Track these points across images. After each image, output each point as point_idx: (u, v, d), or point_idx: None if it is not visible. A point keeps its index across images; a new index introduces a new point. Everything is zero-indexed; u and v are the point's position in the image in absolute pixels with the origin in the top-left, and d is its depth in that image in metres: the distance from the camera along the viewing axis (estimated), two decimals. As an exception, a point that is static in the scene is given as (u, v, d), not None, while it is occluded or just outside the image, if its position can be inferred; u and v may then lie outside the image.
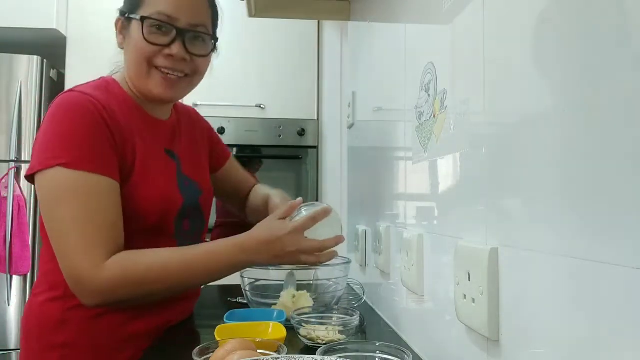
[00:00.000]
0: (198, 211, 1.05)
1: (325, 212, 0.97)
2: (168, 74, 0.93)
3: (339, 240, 0.97)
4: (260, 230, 0.94)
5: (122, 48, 0.97)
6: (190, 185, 1.02)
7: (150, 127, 0.98)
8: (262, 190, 1.25)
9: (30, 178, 0.87)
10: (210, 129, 1.22)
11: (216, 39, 1.02)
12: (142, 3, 0.93)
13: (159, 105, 1.00)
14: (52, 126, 0.85)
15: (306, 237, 0.95)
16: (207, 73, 1.02)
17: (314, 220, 0.95)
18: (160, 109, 1.02)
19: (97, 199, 0.83)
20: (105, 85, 0.94)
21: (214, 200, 1.21)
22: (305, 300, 1.06)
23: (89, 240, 0.82)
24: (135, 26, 0.92)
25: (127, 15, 0.94)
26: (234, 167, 1.28)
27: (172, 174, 0.99)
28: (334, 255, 0.97)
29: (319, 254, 0.95)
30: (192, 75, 0.97)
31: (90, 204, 0.83)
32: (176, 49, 0.92)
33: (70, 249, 0.83)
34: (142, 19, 0.90)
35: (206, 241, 1.03)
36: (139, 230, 0.91)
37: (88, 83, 0.94)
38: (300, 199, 1.01)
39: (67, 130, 0.84)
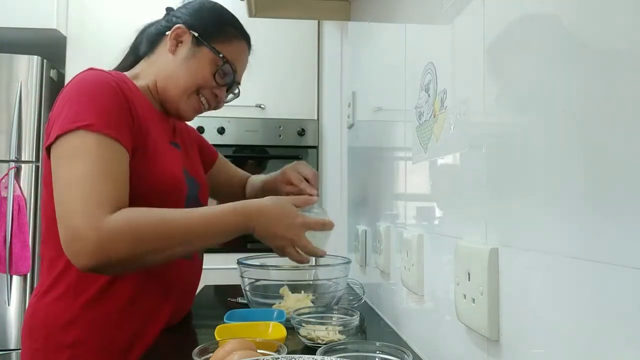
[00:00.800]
0: (197, 204, 1.06)
1: (331, 226, 1.02)
2: (204, 105, 1.06)
3: (324, 254, 1.02)
4: (271, 204, 0.95)
5: (172, 54, 1.03)
6: (191, 179, 1.06)
7: (158, 120, 1.02)
8: (258, 179, 1.32)
9: (48, 150, 0.87)
10: (199, 135, 1.30)
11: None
12: (219, 37, 1.04)
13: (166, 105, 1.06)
14: (75, 94, 0.87)
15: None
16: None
17: (322, 226, 0.99)
18: (165, 109, 1.07)
19: (104, 159, 0.84)
20: (119, 75, 0.96)
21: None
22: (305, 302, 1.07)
23: (90, 197, 0.81)
24: (206, 54, 1.02)
25: (199, 36, 1.02)
26: (224, 164, 1.35)
27: (179, 163, 1.03)
28: (308, 261, 1.01)
29: (306, 256, 0.98)
30: None
31: (96, 163, 0.83)
32: (224, 94, 1.08)
33: (71, 206, 0.81)
34: (224, 61, 1.03)
35: None
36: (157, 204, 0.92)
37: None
38: (315, 197, 1.06)
39: (90, 98, 0.86)
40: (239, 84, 1.11)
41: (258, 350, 0.72)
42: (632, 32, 0.38)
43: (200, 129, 2.44)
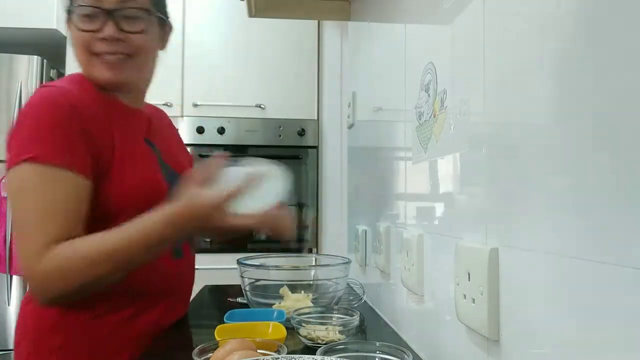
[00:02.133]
0: None
1: (254, 179, 0.89)
2: (106, 57, 0.92)
3: (274, 210, 0.91)
4: (181, 204, 0.86)
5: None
6: (173, 173, 1.01)
7: (128, 116, 0.97)
8: None
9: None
10: (176, 130, 1.23)
11: (158, 14, 0.99)
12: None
13: (126, 92, 0.98)
14: (22, 123, 0.86)
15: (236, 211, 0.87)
16: (206, 72, 1.04)
17: (239, 190, 0.87)
18: (134, 98, 1.01)
19: (53, 195, 0.82)
20: (79, 79, 0.94)
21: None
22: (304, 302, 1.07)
23: (37, 233, 0.81)
24: (71, 19, 0.92)
25: (67, 10, 0.93)
26: None
27: (154, 161, 0.98)
28: (279, 220, 0.94)
29: (260, 221, 0.90)
30: (134, 55, 0.94)
31: (44, 201, 0.82)
32: (107, 30, 0.90)
33: (22, 242, 0.82)
34: (70, 7, 0.91)
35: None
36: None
37: (64, 77, 0.95)
38: (219, 154, 0.95)
39: (35, 125, 0.84)
40: (124, 1, 0.92)
41: (258, 350, 0.72)
42: (634, 31, 0.38)
43: (200, 129, 2.44)
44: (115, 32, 0.91)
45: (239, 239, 2.49)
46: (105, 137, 0.89)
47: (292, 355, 0.62)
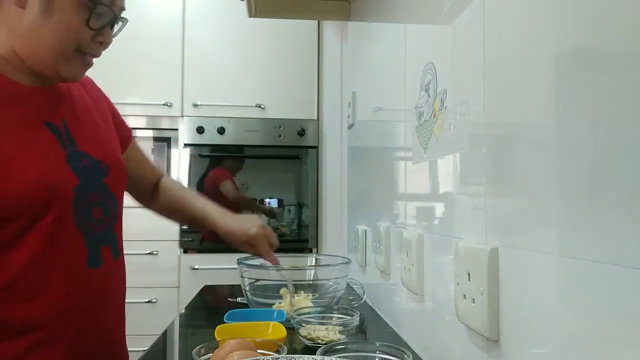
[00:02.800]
0: (107, 194, 0.86)
1: None
2: (88, 59, 0.82)
3: None
4: None
5: (21, 7, 0.75)
6: (91, 164, 0.84)
7: (17, 97, 0.78)
8: (186, 195, 1.15)
9: None
10: (112, 105, 1.03)
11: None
12: None
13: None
14: None
15: None
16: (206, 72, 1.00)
17: None
18: (37, 77, 0.82)
19: None
20: None
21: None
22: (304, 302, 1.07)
23: None
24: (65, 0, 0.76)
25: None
26: (139, 153, 1.10)
27: (54, 150, 0.79)
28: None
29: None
30: None
31: None
32: (109, 36, 0.82)
33: None
34: (95, 3, 0.77)
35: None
36: (29, 226, 0.74)
37: None
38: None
39: None
40: (123, 10, 0.84)
41: (258, 350, 0.72)
42: (633, 33, 0.38)
43: (200, 129, 2.44)
44: (110, 38, 0.83)
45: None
46: None
47: (292, 355, 0.62)
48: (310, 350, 0.86)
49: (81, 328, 0.80)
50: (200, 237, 2.41)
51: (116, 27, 0.86)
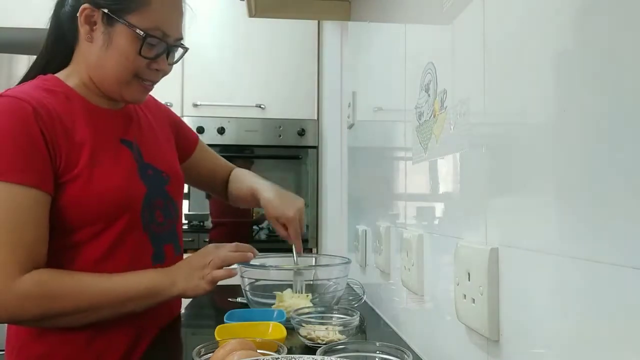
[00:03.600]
0: (168, 200, 1.01)
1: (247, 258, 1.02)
2: (147, 84, 0.94)
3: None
4: (189, 257, 0.95)
5: (90, 42, 0.89)
6: (155, 174, 0.98)
7: (99, 118, 0.92)
8: (245, 178, 1.24)
9: None
10: (172, 113, 1.19)
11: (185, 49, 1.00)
12: (132, 7, 0.87)
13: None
14: None
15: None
16: (206, 72, 1.05)
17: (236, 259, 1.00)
18: (109, 99, 0.96)
19: (15, 214, 0.79)
20: (42, 83, 0.89)
21: (208, 201, 1.19)
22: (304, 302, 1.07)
23: (7, 258, 0.78)
24: (123, 32, 0.87)
25: (109, 12, 0.87)
26: (205, 152, 1.25)
27: (130, 164, 0.93)
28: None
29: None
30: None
31: (7, 220, 0.78)
32: (164, 64, 0.93)
33: None
34: (145, 36, 0.87)
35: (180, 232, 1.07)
36: (105, 228, 0.88)
37: (24, 84, 0.90)
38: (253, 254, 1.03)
39: None
40: (181, 39, 0.95)
41: (258, 350, 0.72)
42: (633, 33, 0.38)
43: (200, 129, 2.44)
44: (168, 66, 0.94)
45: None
46: (72, 143, 0.85)
47: (292, 355, 0.62)
48: (310, 350, 0.86)
49: (144, 313, 0.92)
50: (209, 239, 2.41)
51: (177, 55, 0.97)
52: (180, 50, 0.98)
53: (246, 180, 1.23)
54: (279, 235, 1.15)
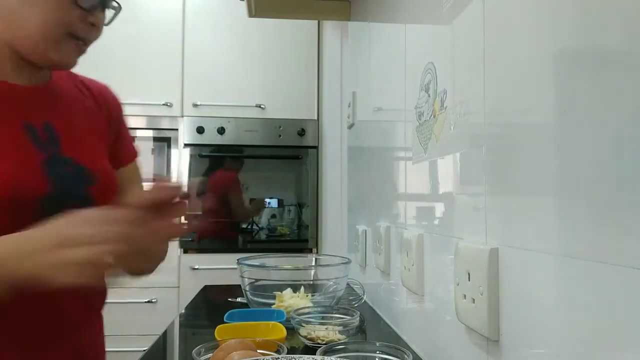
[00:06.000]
0: (87, 204, 0.69)
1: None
2: (81, 43, 0.75)
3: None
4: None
5: None
6: (75, 172, 0.77)
7: (5, 95, 0.74)
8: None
9: None
10: (123, 116, 0.94)
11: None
12: None
13: (35, 69, 0.77)
14: None
15: None
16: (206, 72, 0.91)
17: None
18: (28, 72, 0.77)
19: None
20: None
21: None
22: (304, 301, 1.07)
23: None
24: None
25: None
26: (136, 176, 0.96)
27: (26, 154, 0.72)
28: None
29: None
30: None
31: None
32: (101, 17, 0.76)
33: None
34: None
35: None
36: None
37: None
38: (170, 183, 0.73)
39: None
40: None
41: (258, 350, 0.72)
42: (634, 33, 0.38)
43: (200, 129, 2.44)
44: (102, 20, 0.77)
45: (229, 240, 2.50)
46: None
47: (292, 355, 0.62)
48: (310, 350, 0.86)
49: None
50: (197, 238, 2.41)
51: (109, 14, 0.79)
52: (112, 12, 0.80)
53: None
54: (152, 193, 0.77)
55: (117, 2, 0.79)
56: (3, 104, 0.73)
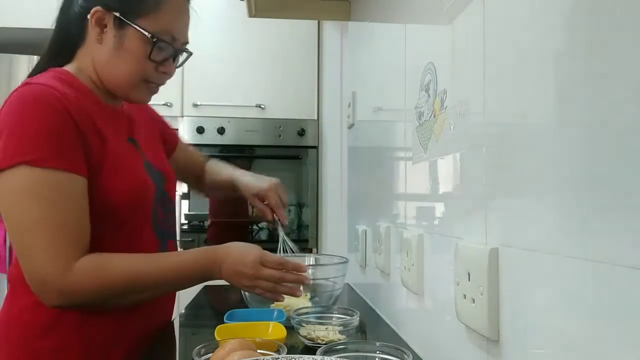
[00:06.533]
0: (167, 198, 1.04)
1: (301, 269, 0.96)
2: (153, 86, 0.95)
3: (299, 293, 0.95)
4: (236, 245, 0.95)
5: (99, 43, 0.90)
6: (156, 173, 1.00)
7: (111, 116, 0.94)
8: (221, 168, 1.31)
9: None
10: (155, 112, 1.20)
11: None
12: (143, 8, 0.89)
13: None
14: (14, 121, 0.80)
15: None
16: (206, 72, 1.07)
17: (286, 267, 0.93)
18: (112, 97, 0.96)
19: (61, 198, 0.80)
20: (60, 76, 0.89)
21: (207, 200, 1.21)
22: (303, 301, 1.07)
23: (54, 242, 0.79)
24: (134, 35, 0.89)
25: (120, 15, 0.88)
26: (186, 152, 1.29)
27: (139, 162, 0.96)
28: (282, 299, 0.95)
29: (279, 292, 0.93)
30: None
31: (54, 204, 0.79)
32: (171, 67, 0.95)
33: (34, 251, 0.79)
34: (156, 40, 0.89)
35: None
36: (117, 224, 0.89)
37: (42, 75, 0.89)
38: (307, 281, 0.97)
39: (31, 126, 0.79)
40: (187, 43, 0.99)
41: (258, 350, 0.72)
42: (634, 33, 0.38)
43: (200, 129, 2.44)
44: (173, 69, 0.96)
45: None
46: (95, 136, 0.86)
47: (292, 355, 0.62)
48: (310, 350, 0.86)
49: (153, 305, 0.96)
50: (206, 238, 2.42)
51: (180, 59, 1.00)
52: (184, 54, 1.01)
53: (223, 170, 1.30)
54: (262, 214, 1.21)
55: (187, 51, 1.00)
56: (116, 122, 0.95)
